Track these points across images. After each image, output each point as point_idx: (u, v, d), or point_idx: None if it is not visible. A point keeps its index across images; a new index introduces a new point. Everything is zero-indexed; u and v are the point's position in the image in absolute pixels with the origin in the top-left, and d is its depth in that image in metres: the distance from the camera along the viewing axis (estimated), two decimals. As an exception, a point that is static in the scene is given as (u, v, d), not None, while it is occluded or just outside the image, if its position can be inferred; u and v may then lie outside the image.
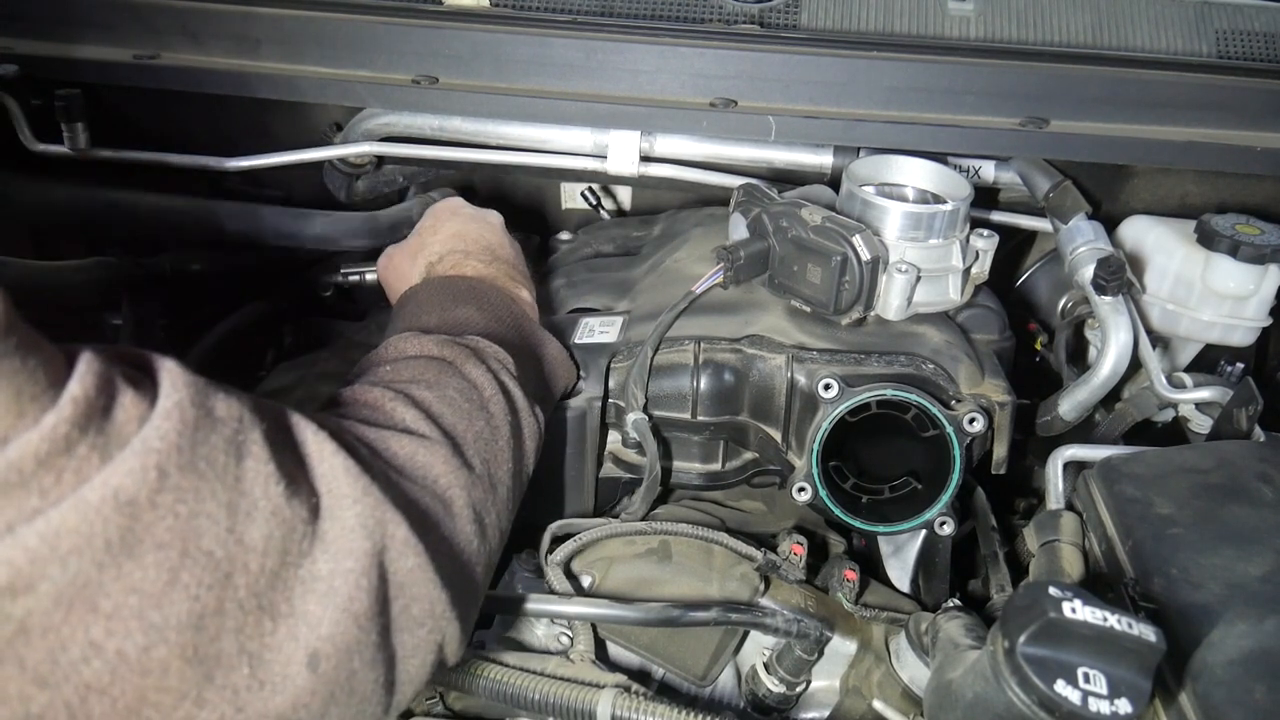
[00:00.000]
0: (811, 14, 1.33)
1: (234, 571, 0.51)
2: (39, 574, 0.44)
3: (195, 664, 0.50)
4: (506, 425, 0.78)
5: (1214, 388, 1.08)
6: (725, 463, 1.07)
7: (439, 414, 0.72)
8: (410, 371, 0.77)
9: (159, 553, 0.48)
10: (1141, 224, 1.23)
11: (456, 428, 0.72)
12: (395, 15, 1.26)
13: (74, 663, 0.46)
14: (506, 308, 0.93)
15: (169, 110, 1.31)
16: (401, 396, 0.72)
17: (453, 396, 0.75)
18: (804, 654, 0.91)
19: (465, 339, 0.83)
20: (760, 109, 1.19)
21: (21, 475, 0.44)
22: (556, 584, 0.92)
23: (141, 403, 0.50)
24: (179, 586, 0.49)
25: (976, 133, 1.19)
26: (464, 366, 0.78)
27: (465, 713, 0.89)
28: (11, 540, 0.44)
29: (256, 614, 0.52)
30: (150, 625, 0.48)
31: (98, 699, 0.47)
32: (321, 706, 0.56)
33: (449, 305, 0.90)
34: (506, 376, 0.82)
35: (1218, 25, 1.33)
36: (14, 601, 0.44)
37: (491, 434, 0.76)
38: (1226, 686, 0.67)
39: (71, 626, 0.46)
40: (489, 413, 0.77)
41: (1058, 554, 0.90)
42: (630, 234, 1.36)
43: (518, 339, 0.91)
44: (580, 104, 1.20)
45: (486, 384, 0.78)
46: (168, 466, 0.49)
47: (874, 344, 1.00)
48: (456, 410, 0.74)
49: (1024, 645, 0.59)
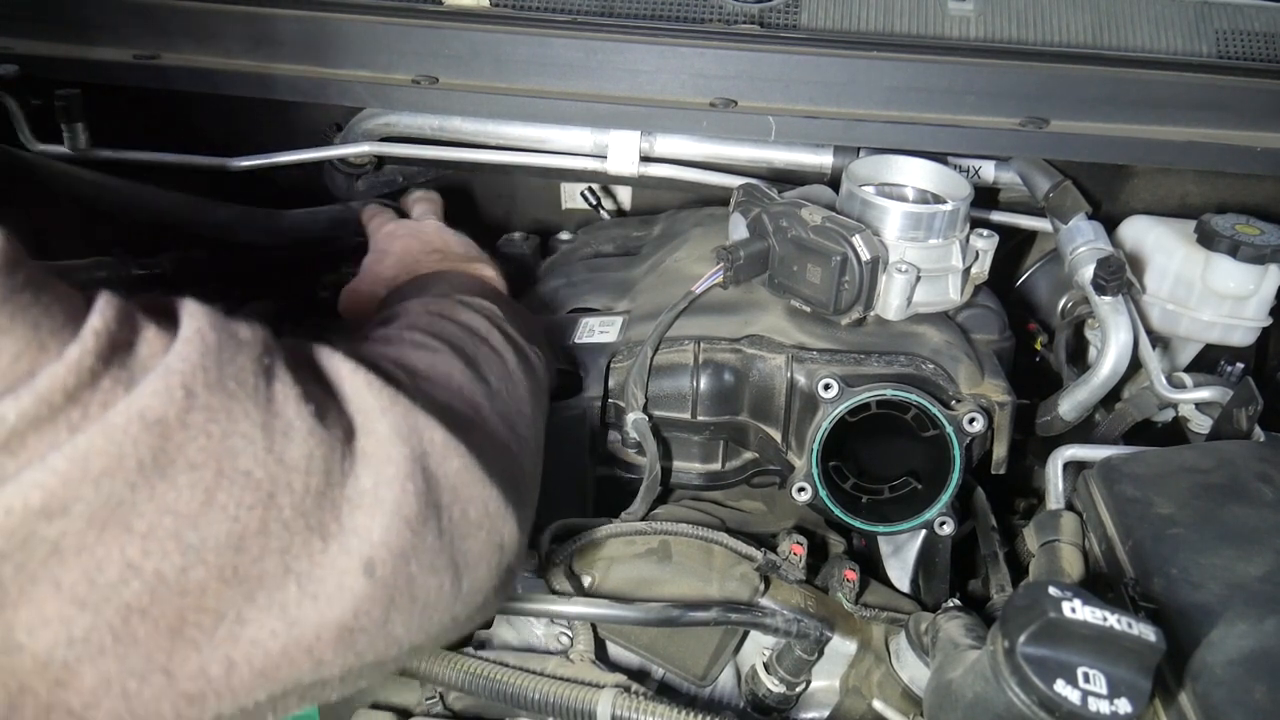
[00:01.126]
0: (811, 14, 1.33)
1: (277, 492, 0.51)
2: (72, 495, 0.45)
3: (235, 584, 0.50)
4: (511, 353, 0.78)
5: (1214, 388, 1.08)
6: (725, 463, 1.07)
7: (447, 337, 0.73)
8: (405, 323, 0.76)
9: (192, 473, 0.48)
10: (1141, 224, 1.23)
11: (465, 349, 0.73)
12: (395, 15, 1.26)
13: (112, 584, 0.46)
14: (474, 282, 0.93)
15: (169, 110, 1.31)
16: (405, 329, 0.72)
17: (453, 332, 0.75)
18: (804, 654, 0.91)
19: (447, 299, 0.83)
20: (760, 109, 1.20)
21: (52, 408, 0.44)
22: (556, 584, 0.92)
23: (164, 335, 0.50)
24: (215, 507, 0.49)
25: (976, 133, 1.19)
26: (455, 314, 0.79)
27: (465, 713, 0.89)
28: (43, 466, 0.44)
29: (304, 534, 0.52)
30: (187, 546, 0.48)
31: (140, 620, 0.47)
32: (382, 613, 0.55)
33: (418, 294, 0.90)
34: (497, 319, 0.82)
35: (1218, 25, 1.33)
36: (49, 524, 0.44)
37: (499, 359, 0.76)
38: (1226, 686, 0.67)
39: (106, 547, 0.46)
40: (491, 344, 0.77)
41: (1058, 554, 0.90)
42: (630, 234, 1.36)
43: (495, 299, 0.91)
44: (580, 104, 1.20)
45: (480, 324, 0.79)
46: (194, 386, 0.49)
47: (874, 344, 1.00)
48: (460, 339, 0.74)
49: (1024, 645, 0.59)
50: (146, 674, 0.48)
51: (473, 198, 1.50)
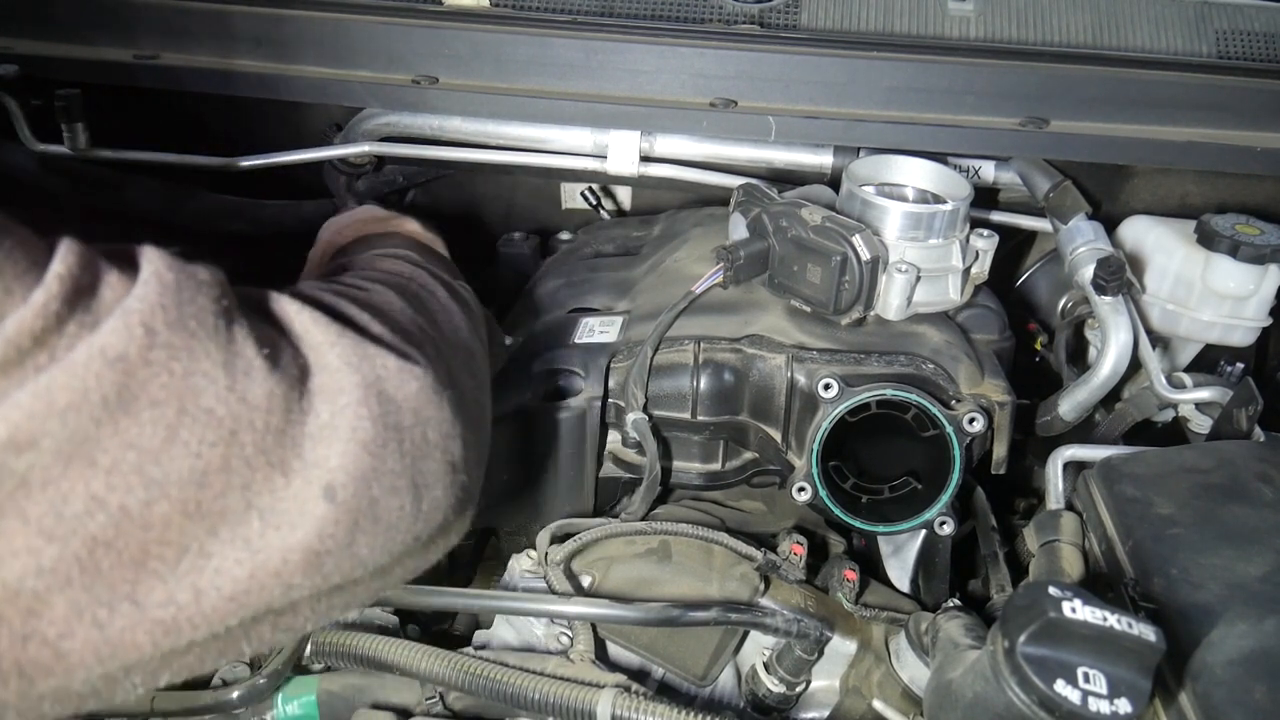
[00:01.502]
0: (811, 14, 1.33)
1: (239, 429, 0.52)
2: (39, 429, 0.46)
3: (198, 519, 0.50)
4: (441, 289, 0.78)
5: (1214, 388, 1.08)
6: (725, 463, 1.07)
7: (376, 278, 0.73)
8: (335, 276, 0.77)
9: (155, 410, 0.49)
10: (1141, 224, 1.23)
11: (399, 285, 0.73)
12: (395, 15, 1.26)
13: (78, 515, 0.47)
14: (396, 238, 0.94)
15: (169, 110, 1.31)
16: (338, 279, 0.72)
17: (377, 274, 0.75)
18: (804, 654, 0.91)
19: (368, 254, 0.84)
20: (760, 109, 1.20)
21: (19, 351, 0.45)
22: (556, 584, 0.92)
23: (125, 278, 0.51)
24: (178, 443, 0.50)
25: (976, 133, 1.19)
26: (376, 264, 0.80)
27: (465, 713, 0.89)
28: (9, 403, 0.45)
29: (265, 470, 0.53)
30: (150, 480, 0.49)
31: (104, 552, 0.48)
32: (347, 535, 0.56)
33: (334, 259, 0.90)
34: (418, 263, 0.82)
35: (1218, 25, 1.33)
36: (16, 457, 0.45)
37: (431, 295, 0.77)
38: (1226, 686, 0.67)
39: (71, 480, 0.47)
40: (419, 283, 0.78)
41: (1058, 554, 0.90)
42: (630, 234, 1.36)
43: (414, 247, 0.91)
44: (580, 104, 1.20)
45: (404, 268, 0.79)
46: (154, 324, 0.50)
47: (874, 344, 1.00)
48: (387, 281, 0.74)
49: (1024, 645, 0.59)
50: (114, 603, 0.49)
51: (473, 198, 1.50)
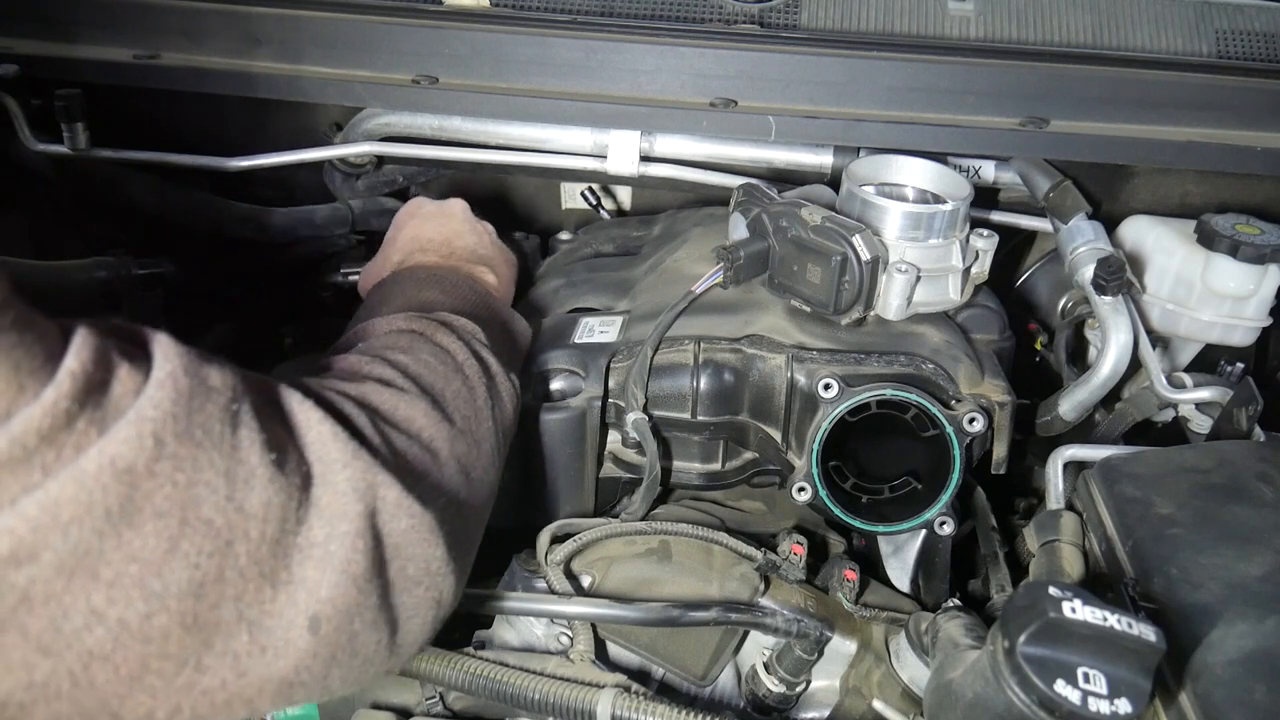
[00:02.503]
0: (811, 14, 1.33)
1: (235, 539, 0.51)
2: (41, 543, 0.45)
3: (195, 631, 0.50)
4: (483, 386, 0.79)
5: (1214, 388, 1.08)
6: (725, 463, 1.07)
7: (416, 373, 0.73)
8: (382, 343, 0.78)
9: (159, 521, 0.48)
10: (1141, 224, 1.23)
11: (434, 386, 0.74)
12: (395, 15, 1.26)
13: (76, 630, 0.47)
14: (469, 287, 0.95)
15: (169, 110, 1.31)
16: (377, 359, 0.73)
17: (427, 359, 0.76)
18: (804, 654, 0.91)
19: (433, 314, 0.84)
20: (760, 109, 1.19)
21: (25, 450, 0.45)
22: (556, 584, 0.92)
23: (136, 375, 0.50)
24: (179, 554, 0.49)
25: (976, 133, 1.19)
26: (435, 335, 0.80)
27: (465, 713, 0.89)
28: (14, 511, 0.44)
29: (257, 581, 0.53)
30: (151, 593, 0.48)
31: (100, 666, 0.48)
32: (323, 668, 0.56)
33: (411, 292, 0.91)
34: (478, 344, 0.83)
35: (1218, 25, 1.33)
36: (17, 571, 0.45)
37: (469, 394, 0.77)
38: (1226, 686, 0.67)
39: (73, 594, 0.46)
40: (464, 374, 0.78)
41: (1058, 554, 0.90)
42: (630, 234, 1.35)
43: (485, 313, 0.93)
44: (580, 104, 1.20)
45: (458, 350, 0.79)
46: (164, 435, 0.49)
47: (874, 344, 1.00)
48: (432, 371, 0.75)
49: (1024, 645, 0.59)
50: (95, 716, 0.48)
51: (473, 198, 1.50)
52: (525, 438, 1.00)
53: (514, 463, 1.01)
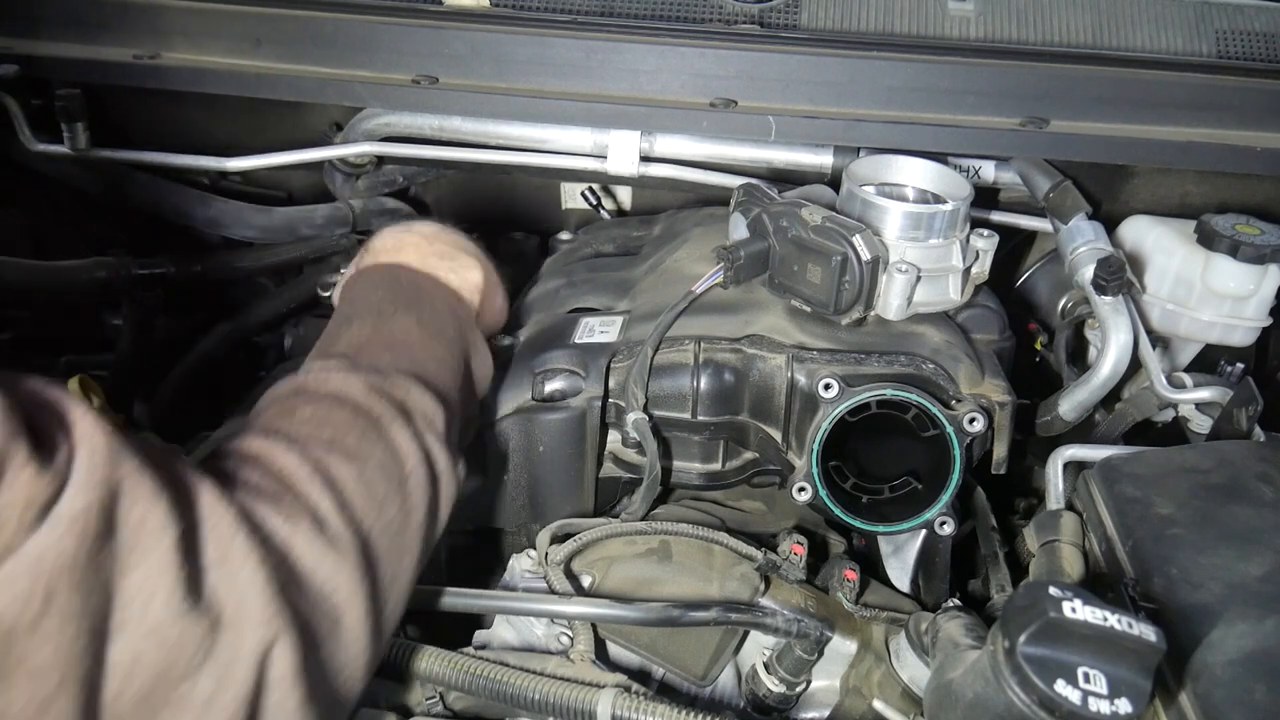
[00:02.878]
0: (811, 14, 1.33)
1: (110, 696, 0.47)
2: None
3: None
4: (423, 503, 0.73)
5: (1214, 388, 1.08)
6: (725, 462, 1.07)
7: (353, 504, 0.66)
8: (332, 429, 0.70)
9: (32, 682, 0.44)
10: (1141, 224, 1.23)
11: (368, 525, 0.67)
12: (395, 15, 1.26)
13: None
14: (448, 312, 0.89)
15: (169, 110, 1.31)
16: (319, 477, 0.65)
17: (372, 476, 0.69)
18: (804, 654, 0.91)
19: (396, 385, 0.77)
20: (760, 109, 1.19)
21: None
22: (556, 584, 0.92)
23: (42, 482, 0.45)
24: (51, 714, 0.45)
25: (976, 133, 1.19)
26: (389, 429, 0.73)
27: (465, 713, 0.89)
28: None
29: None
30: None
31: None
32: None
33: (388, 310, 0.85)
34: (432, 439, 0.76)
35: (1218, 25, 1.33)
36: None
37: (403, 520, 0.71)
38: (1226, 686, 0.67)
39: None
40: (406, 491, 0.72)
41: (1058, 554, 0.90)
42: (630, 234, 1.35)
43: (453, 357, 0.86)
44: (580, 104, 1.21)
45: (410, 453, 0.73)
46: (57, 586, 0.44)
47: (874, 344, 1.00)
48: (372, 496, 0.68)
49: (1024, 645, 0.59)
50: None
51: (473, 198, 1.50)
52: (525, 438, 1.00)
53: (514, 463, 1.01)
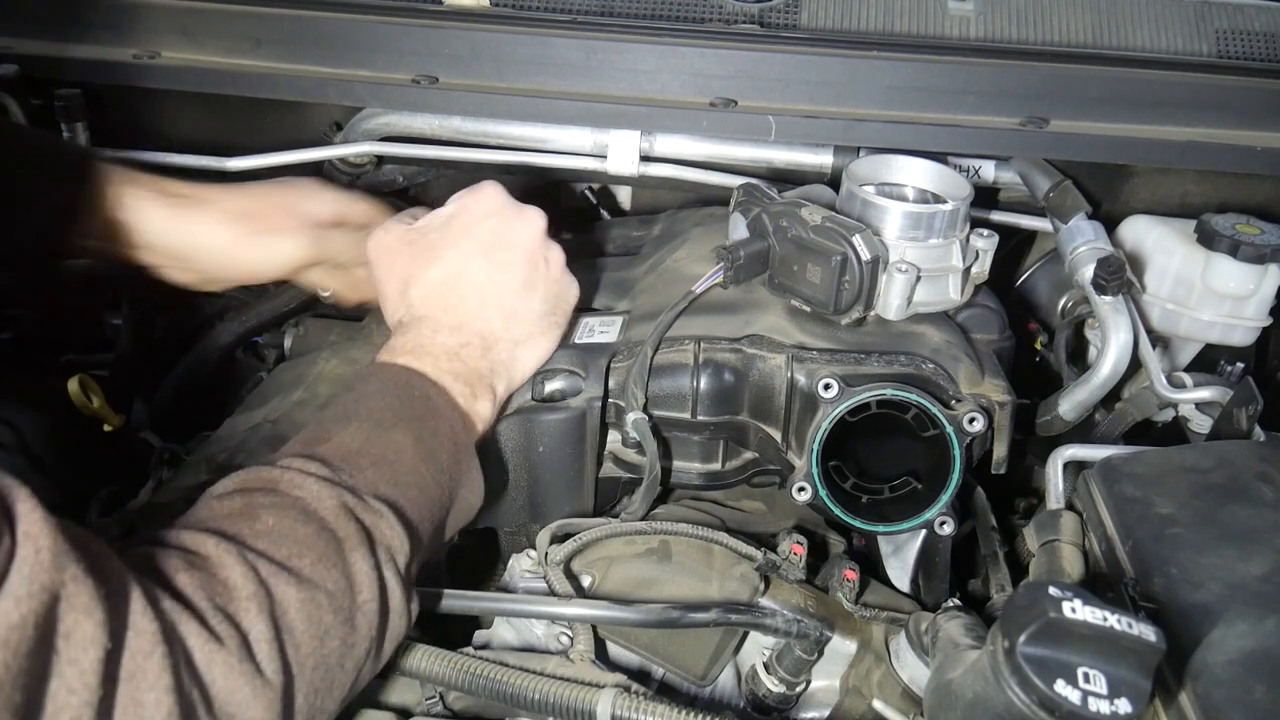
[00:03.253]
0: (811, 14, 1.33)
1: None
2: None
3: None
4: (368, 637, 0.71)
5: (1214, 387, 1.08)
6: (725, 462, 1.07)
7: (291, 633, 0.64)
8: (290, 548, 0.67)
9: None
10: (1141, 224, 1.23)
11: (302, 656, 0.64)
12: (395, 15, 1.26)
13: None
14: (448, 437, 0.85)
15: (169, 110, 1.31)
16: (261, 599, 0.63)
17: (317, 607, 0.66)
18: (804, 654, 0.91)
19: (368, 510, 0.74)
20: (760, 109, 1.19)
21: None
22: (556, 584, 0.92)
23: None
24: None
25: (976, 132, 1.19)
26: (350, 556, 0.70)
27: (465, 713, 0.89)
28: None
29: None
30: None
31: None
32: None
33: (388, 420, 0.82)
34: (391, 573, 0.73)
35: (1218, 25, 1.33)
36: None
37: (343, 653, 0.68)
38: (1226, 686, 0.67)
39: None
40: (353, 624, 0.69)
41: (1058, 554, 0.90)
42: (630, 234, 1.35)
43: (438, 486, 0.82)
44: (580, 104, 1.20)
45: (365, 585, 0.70)
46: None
47: (874, 344, 1.00)
48: (314, 626, 0.66)
49: (1024, 645, 0.59)
50: None
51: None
52: (525, 438, 1.00)
53: (514, 463, 1.01)
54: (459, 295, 0.93)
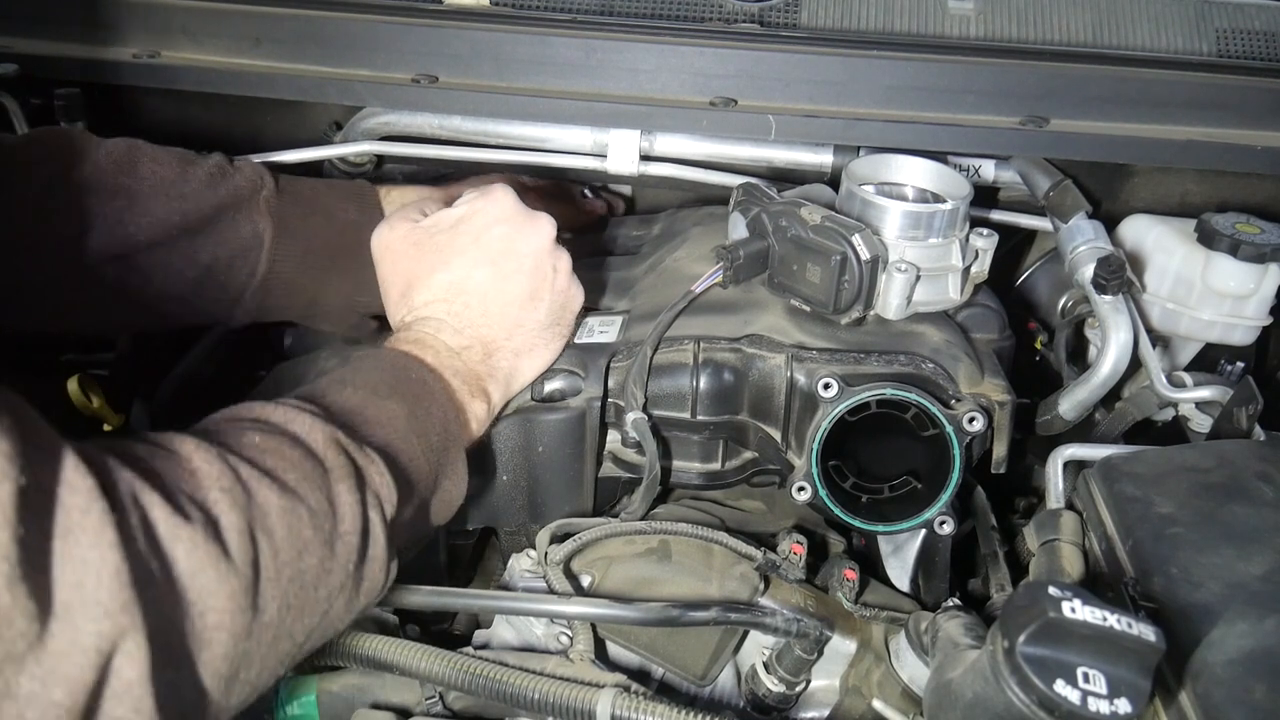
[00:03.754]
0: (811, 13, 1.32)
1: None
2: None
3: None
4: (344, 571, 0.67)
5: (1214, 387, 1.08)
6: (725, 462, 1.07)
7: (268, 532, 0.61)
8: (275, 460, 0.65)
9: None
10: (1141, 223, 1.23)
11: (277, 562, 0.61)
12: (395, 14, 1.26)
13: None
14: (440, 422, 0.83)
15: (169, 110, 1.31)
16: (235, 492, 0.60)
17: (298, 519, 0.63)
18: (804, 653, 0.91)
19: (361, 452, 0.72)
20: (760, 108, 1.19)
21: None
22: (556, 584, 0.92)
23: None
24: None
25: (976, 132, 1.19)
26: (336, 486, 0.68)
27: (465, 712, 0.89)
28: None
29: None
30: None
31: None
32: None
33: (383, 391, 0.80)
34: (377, 518, 0.71)
35: (1218, 24, 1.33)
36: None
37: (319, 577, 0.65)
38: (1226, 686, 0.67)
39: None
40: (333, 550, 0.66)
41: (1058, 553, 0.90)
42: (630, 233, 1.36)
43: (427, 463, 0.81)
44: (580, 103, 1.20)
45: (349, 516, 0.68)
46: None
47: (873, 343, 1.00)
48: (292, 536, 0.62)
49: (1024, 645, 0.59)
50: None
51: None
52: (525, 438, 1.00)
53: (514, 463, 1.01)
54: (463, 302, 0.93)
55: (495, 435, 0.99)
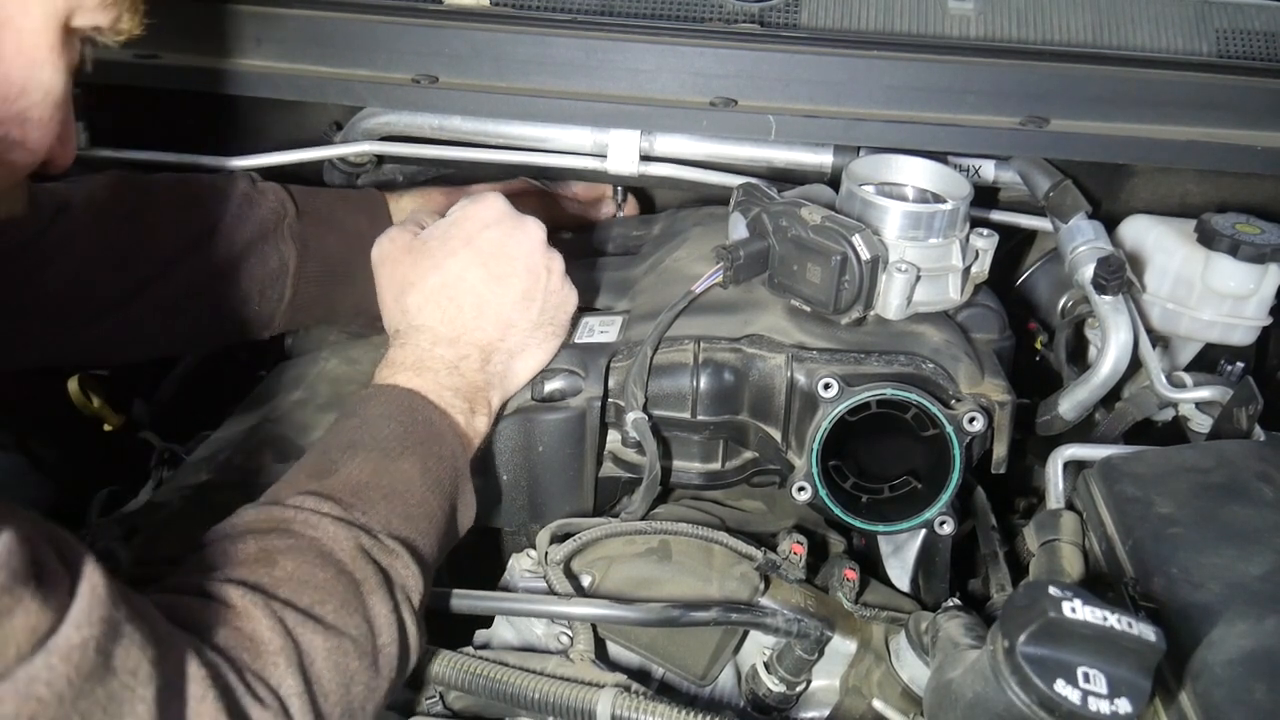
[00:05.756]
0: (811, 13, 1.32)
1: None
2: None
3: None
4: (388, 677, 0.73)
5: (1214, 387, 1.08)
6: (725, 462, 1.07)
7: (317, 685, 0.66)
8: (312, 595, 0.69)
9: None
10: (1141, 223, 1.23)
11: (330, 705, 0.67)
12: (395, 14, 1.26)
13: None
14: (450, 460, 0.86)
15: (169, 110, 1.31)
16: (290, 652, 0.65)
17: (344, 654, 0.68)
18: (804, 653, 0.91)
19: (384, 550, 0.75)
20: (760, 108, 1.19)
21: None
22: (556, 584, 0.92)
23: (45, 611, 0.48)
24: None
25: (976, 132, 1.19)
26: (370, 599, 0.72)
27: (465, 712, 0.89)
28: None
29: None
30: None
31: None
32: None
33: (394, 450, 0.82)
34: (408, 613, 0.75)
35: (1218, 24, 1.33)
36: None
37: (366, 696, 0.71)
38: (1226, 686, 0.67)
39: None
40: (375, 670, 0.71)
41: (1058, 553, 0.90)
42: (630, 233, 1.36)
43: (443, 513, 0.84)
44: (580, 103, 1.20)
45: (385, 628, 0.72)
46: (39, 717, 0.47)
47: (874, 343, 1.00)
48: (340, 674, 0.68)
49: (1024, 645, 0.60)
50: None
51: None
52: (525, 438, 1.00)
53: (514, 463, 1.01)
54: (456, 304, 0.94)
55: (495, 435, 0.99)
